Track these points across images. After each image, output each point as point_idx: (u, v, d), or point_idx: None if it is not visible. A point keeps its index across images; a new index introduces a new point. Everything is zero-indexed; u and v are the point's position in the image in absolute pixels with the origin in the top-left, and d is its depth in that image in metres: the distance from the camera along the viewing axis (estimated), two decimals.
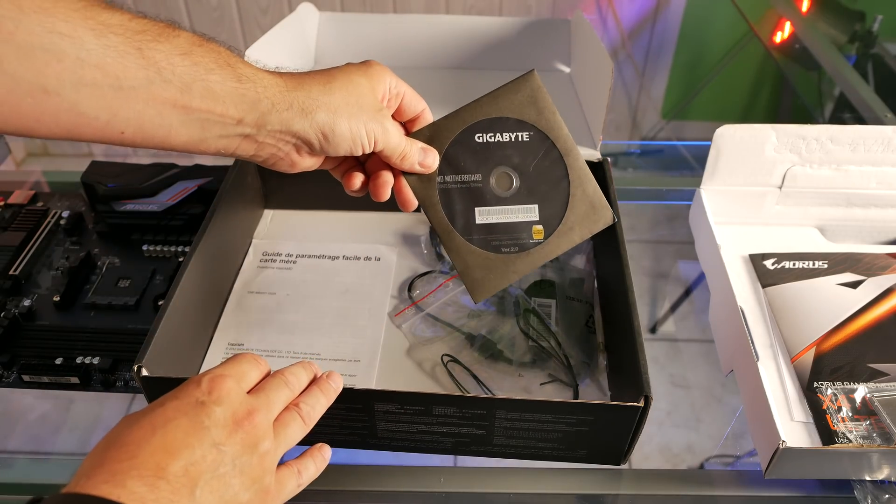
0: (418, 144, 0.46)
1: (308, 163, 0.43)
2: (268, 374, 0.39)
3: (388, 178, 0.46)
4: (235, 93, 0.37)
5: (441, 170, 0.47)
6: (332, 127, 0.40)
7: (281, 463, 0.38)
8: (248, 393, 0.37)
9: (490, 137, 0.48)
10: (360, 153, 0.43)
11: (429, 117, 0.47)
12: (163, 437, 0.32)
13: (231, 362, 0.38)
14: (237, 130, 0.39)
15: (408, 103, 0.46)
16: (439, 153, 0.47)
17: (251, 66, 0.39)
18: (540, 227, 0.48)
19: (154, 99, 0.35)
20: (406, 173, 0.47)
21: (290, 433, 0.38)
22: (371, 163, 0.47)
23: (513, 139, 0.48)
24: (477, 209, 0.47)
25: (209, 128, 0.38)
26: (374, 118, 0.42)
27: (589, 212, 0.48)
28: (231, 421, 0.34)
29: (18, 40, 0.31)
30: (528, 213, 0.48)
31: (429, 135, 0.47)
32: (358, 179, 0.46)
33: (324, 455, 0.41)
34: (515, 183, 0.48)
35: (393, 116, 0.45)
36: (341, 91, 0.41)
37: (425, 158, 0.46)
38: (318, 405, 0.40)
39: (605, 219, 0.48)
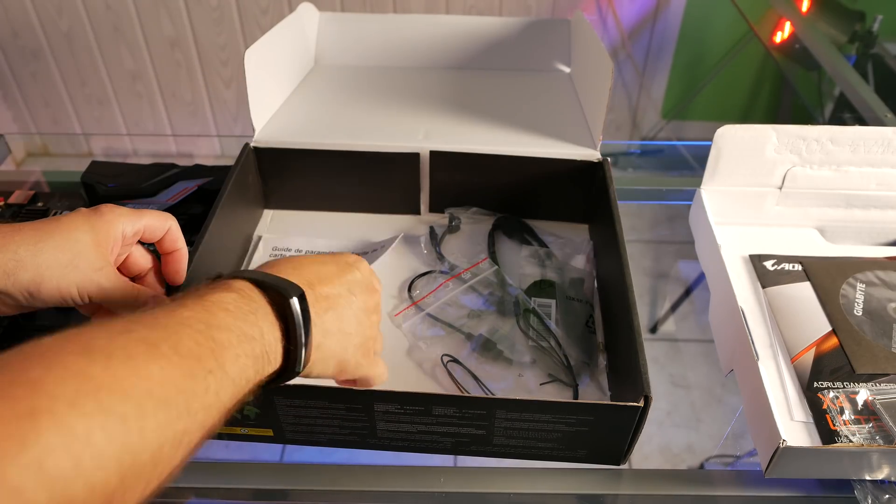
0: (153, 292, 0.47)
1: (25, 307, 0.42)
2: None
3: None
4: None
5: None
6: (37, 287, 0.40)
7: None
8: None
9: None
10: (79, 304, 0.43)
11: (176, 232, 0.48)
12: (319, 268, 0.41)
13: None
14: None
15: (151, 234, 0.47)
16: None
17: None
18: None
19: None
20: None
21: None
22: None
23: None
24: None
25: None
26: (89, 277, 0.42)
27: None
28: (365, 285, 0.43)
29: None
30: None
31: None
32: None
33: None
34: None
35: (148, 246, 0.48)
36: (54, 250, 0.41)
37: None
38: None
39: None
